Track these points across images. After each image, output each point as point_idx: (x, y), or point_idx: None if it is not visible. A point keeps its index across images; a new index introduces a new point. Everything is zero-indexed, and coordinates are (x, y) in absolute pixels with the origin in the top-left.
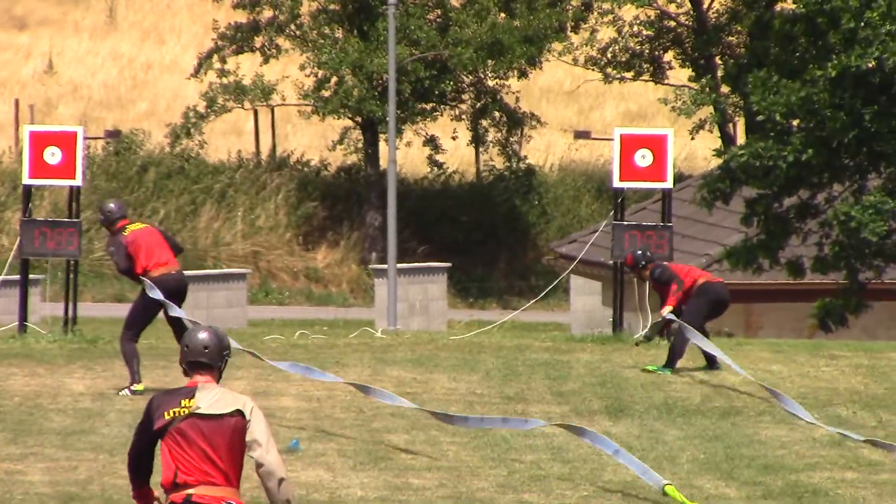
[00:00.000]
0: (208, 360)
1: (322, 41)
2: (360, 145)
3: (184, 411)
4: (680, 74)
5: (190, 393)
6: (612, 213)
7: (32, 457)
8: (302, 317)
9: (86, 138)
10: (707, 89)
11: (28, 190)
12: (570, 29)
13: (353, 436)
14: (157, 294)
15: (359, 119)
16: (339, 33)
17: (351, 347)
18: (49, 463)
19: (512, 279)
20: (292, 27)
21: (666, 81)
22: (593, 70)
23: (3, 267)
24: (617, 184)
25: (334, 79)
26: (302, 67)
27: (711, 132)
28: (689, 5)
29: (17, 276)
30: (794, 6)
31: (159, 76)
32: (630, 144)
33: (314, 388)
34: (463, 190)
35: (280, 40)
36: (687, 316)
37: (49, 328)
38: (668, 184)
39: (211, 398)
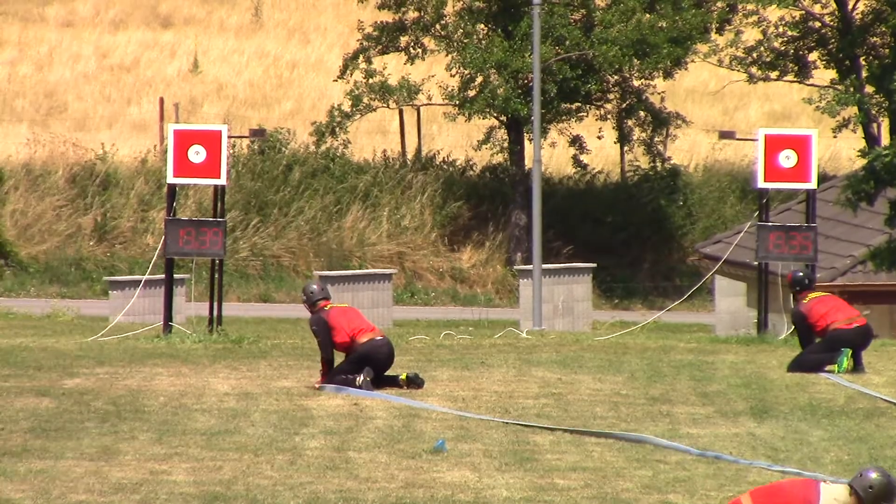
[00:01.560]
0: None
1: (467, 40)
2: (505, 145)
3: None
4: (824, 75)
5: None
6: (756, 213)
7: (177, 457)
8: (447, 317)
9: (230, 137)
10: (851, 89)
11: (172, 189)
12: (714, 30)
13: (498, 437)
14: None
15: (504, 119)
16: (483, 33)
17: (496, 348)
18: (193, 463)
19: (656, 280)
20: (437, 27)
21: (810, 82)
22: (738, 70)
23: (148, 266)
24: (761, 184)
25: (479, 78)
26: (448, 68)
27: (855, 132)
28: (833, 6)
29: (162, 276)
30: None
31: (304, 75)
32: (774, 145)
33: (459, 389)
34: (608, 190)
35: (425, 40)
36: (803, 355)
37: (194, 328)
38: (812, 184)
39: None
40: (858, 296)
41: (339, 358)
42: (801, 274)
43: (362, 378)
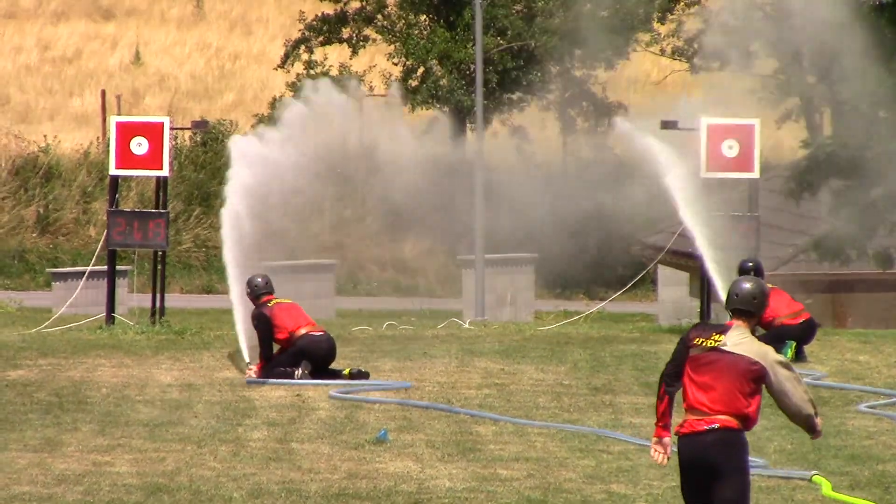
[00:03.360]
0: (752, 309)
1: (409, 31)
2: (447, 136)
3: (710, 343)
4: (767, 65)
5: (724, 330)
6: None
7: (120, 448)
8: (390, 308)
9: (172, 129)
10: (791, 80)
11: (115, 180)
12: (656, 20)
13: (440, 427)
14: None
15: (446, 109)
16: (425, 23)
17: (439, 339)
18: (136, 454)
19: (599, 270)
20: (379, 17)
21: (754, 72)
22: (680, 60)
23: (91, 258)
24: (704, 174)
25: (421, 69)
26: (390, 57)
27: (798, 122)
28: None
29: (105, 268)
30: None
31: (246, 67)
32: (717, 134)
33: (402, 380)
34: (551, 180)
35: (367, 31)
36: None
37: (137, 320)
38: (755, 174)
39: (738, 339)
40: (801, 285)
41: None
42: (749, 263)
43: (301, 371)
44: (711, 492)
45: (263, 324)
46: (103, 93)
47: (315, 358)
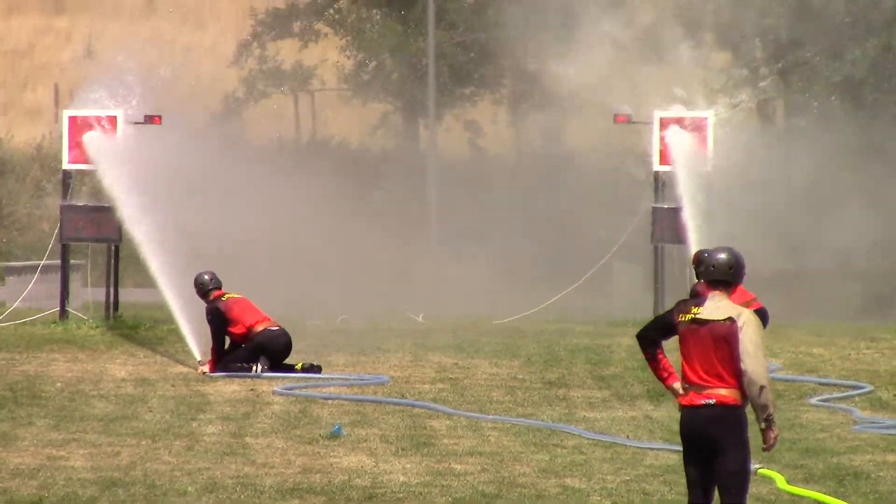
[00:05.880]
0: (729, 279)
1: (361, 25)
2: (399, 130)
3: (689, 316)
4: (720, 57)
5: (701, 302)
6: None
7: (74, 442)
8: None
9: (126, 123)
10: (746, 71)
11: (67, 175)
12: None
13: (394, 421)
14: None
15: (398, 103)
16: (377, 17)
17: (393, 332)
18: (91, 448)
19: (552, 263)
20: (330, 11)
21: (706, 63)
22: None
23: (45, 252)
24: (656, 167)
25: (374, 63)
26: (342, 50)
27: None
28: None
29: (58, 262)
30: None
31: (199, 61)
32: (670, 126)
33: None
34: (504, 172)
35: (318, 25)
36: None
37: (90, 314)
38: (708, 167)
39: (713, 307)
40: (756, 277)
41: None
42: (705, 255)
43: (259, 367)
44: (712, 464)
45: (218, 318)
46: (56, 87)
47: (272, 353)
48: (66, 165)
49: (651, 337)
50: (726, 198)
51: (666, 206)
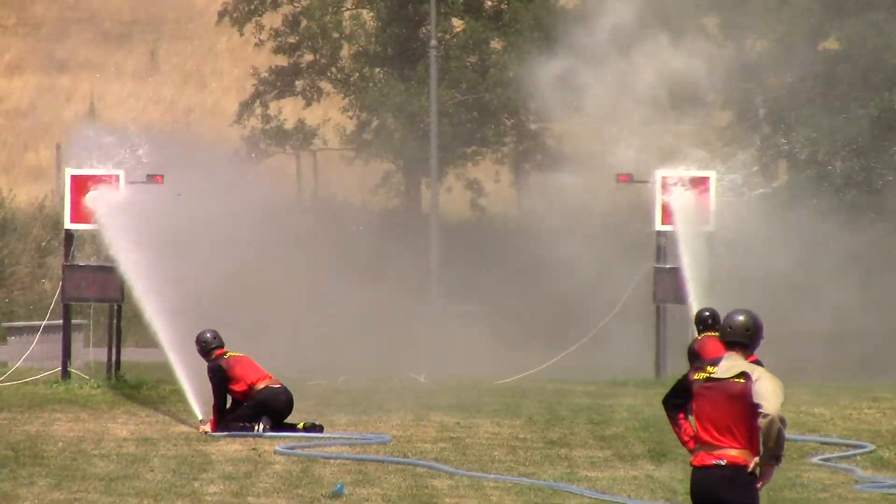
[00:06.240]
0: (746, 341)
1: (364, 84)
2: (402, 189)
3: (704, 375)
4: (722, 116)
5: (716, 362)
6: (654, 256)
7: (76, 502)
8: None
9: (128, 182)
10: (749, 130)
11: (70, 234)
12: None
13: (396, 481)
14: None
15: (400, 162)
16: (380, 76)
17: (394, 392)
18: None
19: (556, 323)
20: (333, 70)
21: (709, 124)
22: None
23: (46, 312)
24: (658, 227)
25: (375, 122)
26: (344, 110)
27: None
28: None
29: (60, 321)
30: None
31: (201, 119)
32: (671, 186)
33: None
34: (506, 231)
35: (321, 83)
36: None
37: (92, 373)
38: (711, 226)
39: (728, 366)
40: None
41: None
42: (706, 313)
43: (261, 427)
44: None
45: (219, 377)
46: (58, 146)
47: (274, 411)
48: (67, 225)
49: (672, 402)
50: (727, 258)
51: (668, 266)
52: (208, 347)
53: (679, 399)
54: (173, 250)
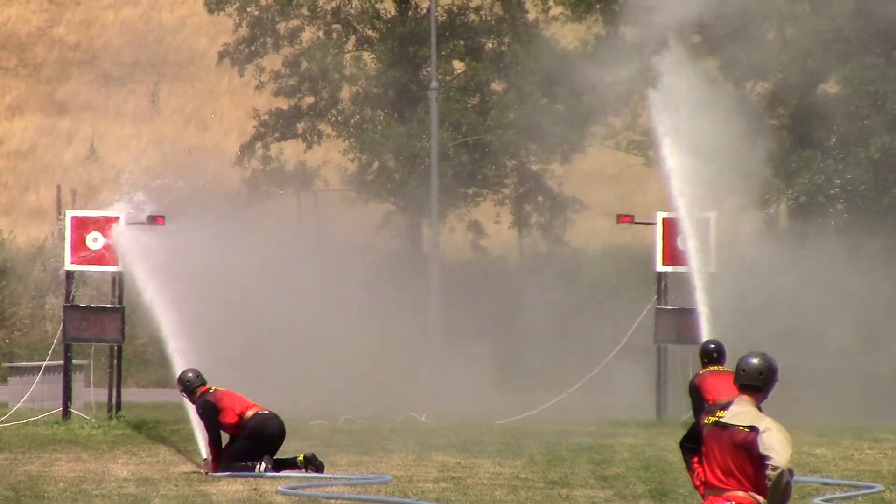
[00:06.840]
0: (759, 384)
1: (364, 125)
2: (402, 230)
3: (713, 419)
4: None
5: (726, 406)
6: (655, 297)
7: None
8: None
9: (128, 224)
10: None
11: (70, 275)
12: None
13: None
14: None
15: (401, 203)
16: (380, 118)
17: (395, 432)
18: None
19: (556, 362)
20: (333, 112)
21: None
22: (635, 154)
23: (47, 352)
24: (660, 268)
25: (376, 163)
26: (345, 153)
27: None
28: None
29: (61, 362)
30: None
31: (202, 161)
32: (673, 228)
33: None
34: (508, 273)
35: (322, 125)
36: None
37: (93, 414)
38: (712, 267)
39: (737, 412)
40: None
41: (226, 439)
42: (712, 345)
43: (263, 466)
44: None
45: (209, 411)
46: (58, 187)
47: (266, 437)
48: (68, 266)
49: (687, 446)
50: (729, 298)
51: (669, 307)
52: (192, 386)
53: (692, 443)
54: (194, 293)
